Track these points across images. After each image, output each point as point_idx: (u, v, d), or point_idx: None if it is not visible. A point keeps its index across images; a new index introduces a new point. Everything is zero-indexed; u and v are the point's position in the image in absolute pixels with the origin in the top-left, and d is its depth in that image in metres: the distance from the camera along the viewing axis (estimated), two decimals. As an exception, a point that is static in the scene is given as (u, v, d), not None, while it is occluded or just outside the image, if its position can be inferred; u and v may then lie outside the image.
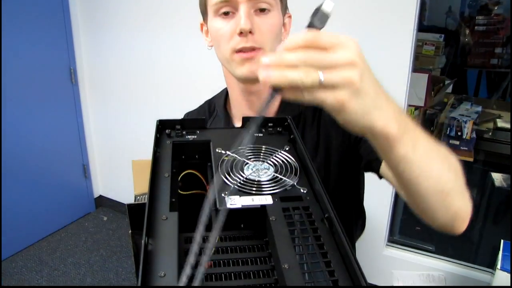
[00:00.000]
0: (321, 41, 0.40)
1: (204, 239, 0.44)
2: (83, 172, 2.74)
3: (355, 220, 0.94)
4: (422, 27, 2.95)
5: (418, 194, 0.54)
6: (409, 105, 2.07)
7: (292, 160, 0.57)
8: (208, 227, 0.51)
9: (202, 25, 0.87)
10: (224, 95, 0.94)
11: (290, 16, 0.86)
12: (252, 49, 0.75)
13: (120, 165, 2.66)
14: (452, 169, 0.56)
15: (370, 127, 0.44)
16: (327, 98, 0.41)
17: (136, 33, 2.26)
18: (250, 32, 0.73)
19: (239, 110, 0.88)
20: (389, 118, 0.45)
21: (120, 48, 2.36)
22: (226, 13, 0.75)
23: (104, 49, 2.44)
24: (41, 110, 2.38)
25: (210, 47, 0.84)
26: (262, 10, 0.75)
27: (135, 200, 1.32)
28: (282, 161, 0.57)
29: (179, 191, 0.58)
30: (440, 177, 0.53)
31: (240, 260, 0.45)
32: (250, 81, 0.79)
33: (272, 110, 0.85)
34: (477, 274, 1.80)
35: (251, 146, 0.60)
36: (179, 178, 0.58)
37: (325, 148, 0.82)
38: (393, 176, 0.56)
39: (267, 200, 0.50)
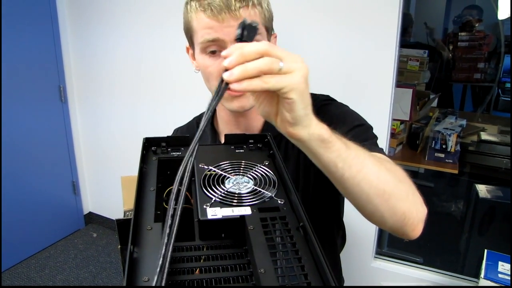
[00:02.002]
0: (274, 53, 0.48)
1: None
2: (72, 189, 2.74)
3: (337, 230, 0.96)
4: (408, 43, 3.04)
5: (360, 195, 0.58)
6: (394, 119, 2.12)
7: (271, 174, 0.60)
8: (191, 237, 0.54)
9: (188, 49, 0.87)
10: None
11: (275, 36, 0.88)
12: None
13: (109, 182, 2.66)
14: (392, 172, 0.60)
15: (307, 128, 0.53)
16: (283, 80, 0.48)
17: (125, 50, 2.30)
18: None
19: (226, 127, 0.91)
20: (320, 127, 0.54)
21: (109, 65, 2.39)
22: (213, 52, 0.76)
23: (93, 66, 2.47)
24: (30, 127, 2.39)
25: (197, 71, 0.85)
26: None
27: (124, 216, 1.33)
28: (261, 174, 0.60)
29: (165, 204, 0.60)
30: (378, 177, 0.57)
31: (220, 267, 0.48)
32: (239, 112, 0.82)
33: (256, 130, 0.89)
34: (463, 284, 1.83)
35: (232, 161, 0.63)
36: (164, 193, 0.61)
37: (305, 166, 0.85)
38: (334, 181, 0.60)
39: (246, 211, 0.53)
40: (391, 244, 2.20)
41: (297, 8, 1.72)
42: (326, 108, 0.85)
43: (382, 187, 0.57)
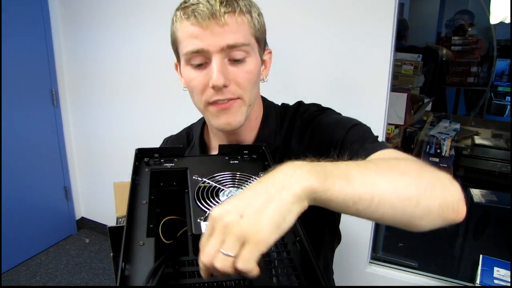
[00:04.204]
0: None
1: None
2: (64, 194, 2.71)
3: (332, 238, 0.94)
4: (403, 47, 3.05)
5: (387, 216, 0.51)
6: (389, 124, 2.12)
7: (267, 186, 0.59)
8: (185, 252, 0.53)
9: (176, 65, 0.83)
10: (201, 125, 0.91)
11: (270, 52, 0.83)
12: (229, 99, 0.72)
13: (102, 187, 2.63)
14: (406, 173, 0.54)
15: (295, 195, 0.44)
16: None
17: (118, 54, 2.28)
18: (225, 86, 0.70)
19: (218, 142, 0.84)
20: (296, 182, 0.45)
21: (102, 69, 2.37)
22: (199, 65, 0.71)
23: (85, 70, 2.45)
24: (21, 132, 2.36)
25: (185, 89, 0.80)
26: (237, 60, 0.71)
27: (116, 223, 1.32)
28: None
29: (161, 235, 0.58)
30: (395, 190, 0.50)
31: (215, 283, 0.47)
32: (227, 130, 0.76)
33: (253, 134, 0.85)
34: (458, 288, 1.83)
35: (227, 173, 0.62)
36: (160, 226, 0.58)
37: None
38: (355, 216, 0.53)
39: None
40: (386, 248, 2.19)
41: (292, 13, 1.71)
42: (318, 119, 0.81)
43: (405, 197, 0.51)
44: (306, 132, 0.80)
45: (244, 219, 0.42)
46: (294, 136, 0.81)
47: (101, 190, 2.66)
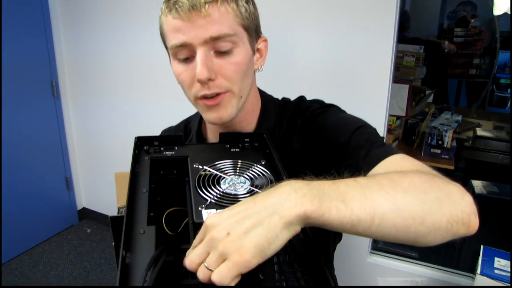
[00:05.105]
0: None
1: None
2: (65, 184, 2.71)
3: (337, 232, 0.94)
4: (405, 39, 3.04)
5: (389, 235, 0.50)
6: (391, 115, 2.12)
7: (268, 174, 0.59)
8: (186, 240, 0.53)
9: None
10: (198, 118, 0.90)
11: (265, 40, 0.79)
12: (217, 94, 0.70)
13: (103, 177, 2.64)
14: (410, 189, 0.51)
15: (285, 222, 0.44)
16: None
17: (118, 45, 2.27)
18: (211, 79, 0.68)
19: (214, 136, 0.83)
20: (289, 207, 0.45)
21: (102, 59, 2.36)
22: (185, 58, 0.70)
23: (86, 61, 2.44)
24: (22, 123, 2.36)
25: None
26: (224, 52, 0.69)
27: (118, 212, 1.32)
28: (258, 174, 0.58)
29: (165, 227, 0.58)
30: (397, 209, 0.49)
31: None
32: (220, 124, 0.75)
33: (250, 128, 0.83)
34: (458, 279, 1.83)
35: (228, 161, 0.61)
36: (163, 218, 0.58)
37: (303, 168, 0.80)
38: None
39: None
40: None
41: (293, 3, 1.70)
42: (321, 118, 0.77)
43: (408, 216, 0.49)
44: (308, 132, 0.78)
45: (230, 237, 0.43)
46: (296, 135, 0.79)
47: (102, 181, 2.66)
